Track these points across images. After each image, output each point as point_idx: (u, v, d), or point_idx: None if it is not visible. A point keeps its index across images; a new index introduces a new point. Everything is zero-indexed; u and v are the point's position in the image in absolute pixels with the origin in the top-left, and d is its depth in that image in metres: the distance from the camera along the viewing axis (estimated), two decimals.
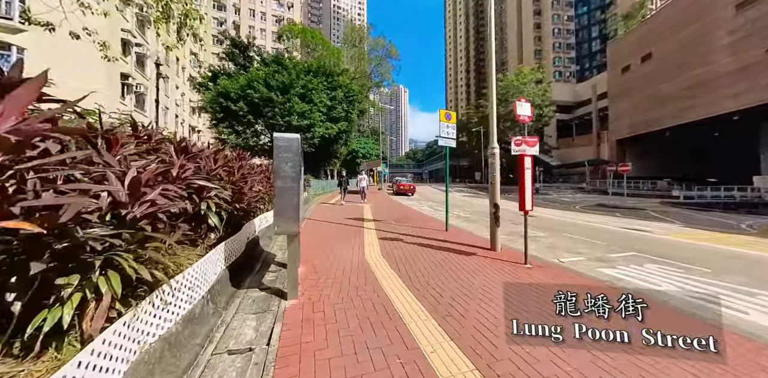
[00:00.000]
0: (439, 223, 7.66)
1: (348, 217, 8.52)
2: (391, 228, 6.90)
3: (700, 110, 24.21)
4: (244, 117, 13.42)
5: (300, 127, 13.89)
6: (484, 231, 6.67)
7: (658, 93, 28.41)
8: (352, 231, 6.47)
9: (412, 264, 4.12)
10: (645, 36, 30.33)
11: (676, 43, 26.37)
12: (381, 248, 4.99)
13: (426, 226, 7.38)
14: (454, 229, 6.95)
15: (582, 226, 8.53)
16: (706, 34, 23.50)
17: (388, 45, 28.80)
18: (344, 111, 16.52)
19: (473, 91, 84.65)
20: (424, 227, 7.14)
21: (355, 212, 10.09)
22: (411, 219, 8.53)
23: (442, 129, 6.50)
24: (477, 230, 7.15)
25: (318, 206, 11.63)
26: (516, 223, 8.42)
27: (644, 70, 30.36)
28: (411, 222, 7.97)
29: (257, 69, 13.51)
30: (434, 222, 8.04)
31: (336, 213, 9.66)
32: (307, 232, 6.29)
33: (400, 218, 8.62)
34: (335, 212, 9.98)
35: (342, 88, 16.25)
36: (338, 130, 16.03)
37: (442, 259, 4.40)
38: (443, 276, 3.60)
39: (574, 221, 9.58)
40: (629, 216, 11.15)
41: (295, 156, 2.80)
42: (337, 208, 10.75)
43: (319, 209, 10.84)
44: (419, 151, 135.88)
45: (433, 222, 8.08)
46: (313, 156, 18.30)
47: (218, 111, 13.35)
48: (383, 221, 7.97)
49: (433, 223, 7.93)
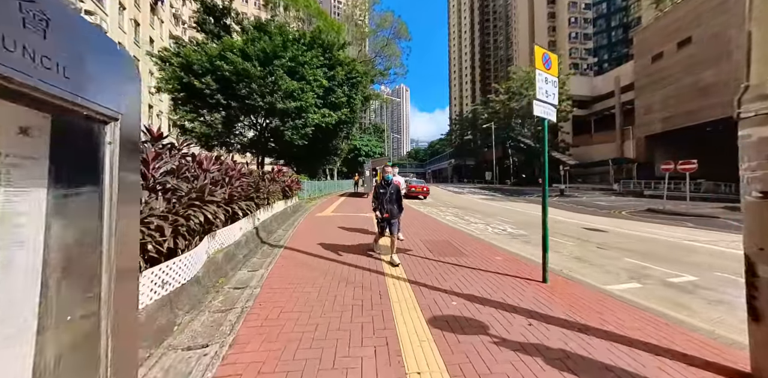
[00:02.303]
0: (507, 256, 4.47)
1: (352, 243, 5.27)
2: (432, 274, 3.68)
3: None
4: (212, 96, 10.03)
5: (287, 112, 10.69)
6: (598, 273, 3.83)
7: (700, 82, 25.14)
8: (361, 283, 3.27)
9: None
10: (682, 19, 27.07)
11: (725, 24, 23.05)
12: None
13: (489, 263, 4.16)
14: (553, 275, 3.60)
15: (679, 247, 5.97)
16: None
17: (397, 22, 23.64)
18: (345, 95, 13.25)
19: (479, 87, 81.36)
20: (489, 267, 3.92)
21: (358, 225, 6.87)
22: (454, 244, 5.28)
23: (540, 86, 3.27)
24: (592, 273, 3.94)
25: (309, 220, 8.35)
26: (596, 244, 5.81)
27: (681, 57, 27.11)
28: (458, 252, 4.74)
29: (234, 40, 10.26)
30: (496, 253, 4.78)
31: (334, 233, 6.41)
32: (273, 292, 3.11)
33: (435, 243, 5.36)
34: (332, 230, 6.73)
35: (343, 66, 12.95)
36: (338, 120, 12.80)
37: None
38: None
39: (652, 236, 7.11)
40: (707, 227, 8.81)
41: None
42: (336, 224, 7.50)
43: (310, 224, 7.57)
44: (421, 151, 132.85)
45: (494, 252, 4.83)
46: (306, 151, 14.99)
47: (178, 89, 10.14)
48: (412, 251, 4.73)
49: (495, 254, 4.67)
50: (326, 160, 21.27)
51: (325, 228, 6.81)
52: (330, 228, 6.78)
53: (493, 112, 44.20)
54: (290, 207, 8.91)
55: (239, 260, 3.86)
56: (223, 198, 3.66)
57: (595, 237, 7.01)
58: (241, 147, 13.44)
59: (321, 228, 6.80)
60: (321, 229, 6.60)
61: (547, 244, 3.30)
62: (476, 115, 55.23)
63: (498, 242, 5.74)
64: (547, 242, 3.31)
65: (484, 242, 5.55)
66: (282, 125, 10.79)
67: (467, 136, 66.62)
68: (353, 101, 13.57)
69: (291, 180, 9.05)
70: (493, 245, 5.29)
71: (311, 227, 6.92)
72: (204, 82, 9.38)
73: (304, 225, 7.20)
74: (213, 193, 3.30)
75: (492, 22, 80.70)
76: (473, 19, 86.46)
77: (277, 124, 10.68)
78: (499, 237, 6.78)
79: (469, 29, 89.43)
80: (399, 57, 22.62)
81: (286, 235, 5.92)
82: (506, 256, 4.49)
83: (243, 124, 11.89)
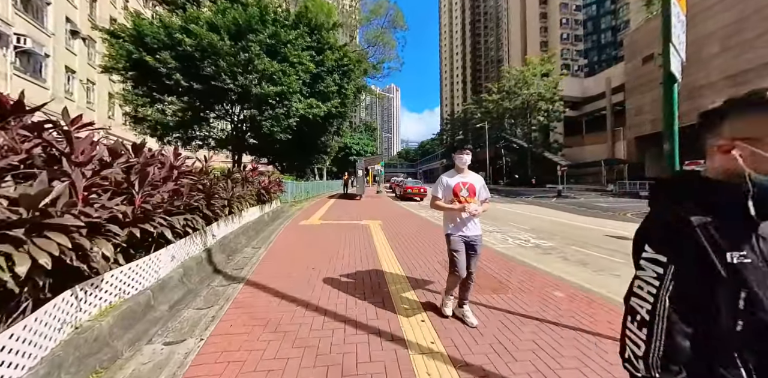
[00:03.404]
0: (569, 290, 3.18)
1: (350, 270, 3.80)
2: (485, 341, 2.22)
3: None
4: (169, 76, 7.97)
5: (265, 98, 8.83)
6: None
7: (691, 83, 25.27)
8: (383, 363, 1.76)
9: None
10: None
11: (714, 27, 23.24)
12: None
13: (554, 305, 2.79)
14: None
15: None
16: (757, 13, 20.35)
17: (393, 9, 21.14)
18: (336, 84, 11.59)
19: (470, 88, 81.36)
20: (563, 318, 2.56)
21: (357, 242, 5.40)
22: (485, 269, 3.90)
23: (674, 27, 1.87)
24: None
25: (290, 230, 6.77)
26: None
27: None
28: (498, 284, 3.40)
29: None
30: (548, 282, 3.44)
31: (322, 251, 4.90)
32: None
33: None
34: (320, 247, 5.23)
35: (333, 51, 11.28)
36: (327, 112, 11.16)
37: None
38: None
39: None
40: None
41: None
42: (324, 236, 5.98)
43: (291, 237, 6.02)
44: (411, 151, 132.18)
45: (545, 281, 3.49)
46: (291, 148, 13.26)
47: (128, 68, 8.40)
48: (433, 283, 3.32)
49: (548, 285, 3.32)
50: (315, 159, 19.52)
51: (310, 243, 5.26)
52: (317, 243, 5.25)
53: (486, 112, 43.70)
54: (268, 213, 7.29)
55: (156, 318, 2.29)
56: (125, 214, 2.10)
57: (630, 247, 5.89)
58: (216, 142, 11.48)
59: (305, 243, 5.25)
60: (305, 246, 5.05)
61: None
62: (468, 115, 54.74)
63: (535, 261, 4.43)
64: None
65: (519, 263, 4.20)
66: (259, 114, 9.01)
67: (459, 136, 66.27)
68: (345, 92, 11.93)
69: (270, 181, 7.43)
70: (536, 269, 3.95)
71: (291, 242, 5.34)
72: (160, 59, 7.48)
73: (282, 239, 5.61)
74: (88, 205, 1.74)
75: (483, 23, 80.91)
76: (464, 19, 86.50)
77: (254, 113, 8.88)
78: (528, 252, 5.49)
79: (461, 29, 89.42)
80: (394, 48, 20.91)
81: (256, 255, 4.34)
82: (568, 290, 3.14)
83: (213, 113, 9.90)
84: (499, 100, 40.22)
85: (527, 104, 37.54)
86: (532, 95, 36.56)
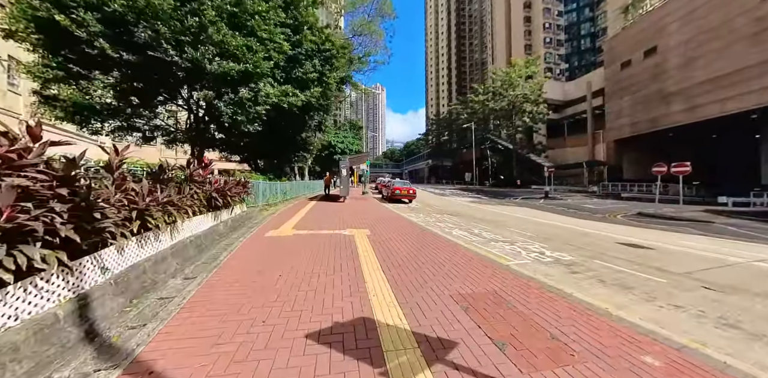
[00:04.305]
0: (667, 356, 2.14)
1: (314, 306, 2.48)
2: None
3: (713, 108, 22.10)
4: (91, 44, 6.01)
5: (223, 77, 7.07)
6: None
7: (664, 89, 26.29)
8: None
9: None
10: (649, 29, 28.26)
11: (687, 36, 24.22)
12: None
13: None
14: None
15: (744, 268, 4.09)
16: (725, 25, 21.29)
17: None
18: (316, 72, 10.07)
19: (455, 89, 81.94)
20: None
21: (337, 264, 4.11)
22: (522, 313, 2.75)
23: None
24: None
25: (251, 245, 5.32)
26: (696, 282, 3.59)
27: (648, 65, 28.26)
28: (557, 348, 2.28)
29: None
30: (624, 335, 2.35)
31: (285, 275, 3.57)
32: None
33: (485, 307, 2.76)
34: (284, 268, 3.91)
35: (313, 31, 9.71)
36: (306, 102, 9.64)
37: None
38: None
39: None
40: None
41: None
42: (294, 256, 4.59)
43: (248, 258, 4.60)
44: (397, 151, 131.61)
45: (620, 336, 2.40)
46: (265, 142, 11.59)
47: (33, 31, 6.04)
48: (452, 353, 2.08)
49: (627, 344, 2.22)
50: (296, 157, 17.81)
51: (272, 266, 3.79)
52: (281, 266, 3.79)
53: (472, 113, 43.67)
54: (226, 222, 5.79)
55: None
56: None
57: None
58: (167, 134, 9.44)
59: (264, 268, 3.76)
60: (262, 273, 3.53)
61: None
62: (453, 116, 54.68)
63: (571, 287, 3.40)
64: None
65: (558, 294, 3.10)
66: (217, 97, 7.18)
67: (444, 136, 66.29)
68: (326, 80, 10.44)
69: (226, 182, 5.92)
70: (583, 303, 2.86)
71: (246, 266, 3.80)
72: (77, 20, 5.52)
73: (235, 259, 4.10)
74: None
75: (468, 26, 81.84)
76: (450, 21, 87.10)
77: (208, 95, 6.96)
78: (552, 270, 4.51)
79: (446, 31, 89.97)
80: (382, 38, 19.40)
81: (180, 294, 2.82)
82: (652, 349, 2.06)
83: (159, 96, 7.78)
84: (485, 101, 40.25)
85: (513, 105, 37.77)
86: (518, 97, 36.82)
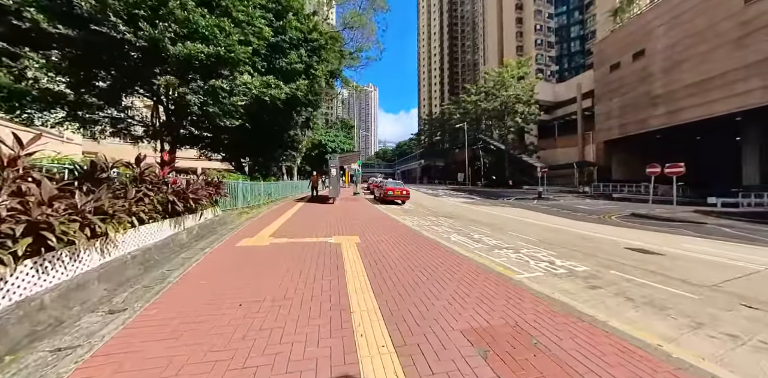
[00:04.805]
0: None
1: (279, 355, 1.75)
2: None
3: (699, 110, 22.57)
4: (20, 14, 4.84)
5: (188, 60, 6.11)
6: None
7: (651, 92, 26.74)
8: None
9: None
10: (637, 32, 28.71)
11: (674, 39, 24.68)
12: None
13: None
14: None
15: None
16: (710, 28, 21.73)
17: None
18: (303, 63, 9.27)
19: (447, 89, 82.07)
20: None
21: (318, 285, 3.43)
22: (561, 360, 2.07)
23: None
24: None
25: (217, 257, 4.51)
26: (732, 296, 2.71)
27: (636, 68, 28.69)
28: None
29: None
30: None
31: (250, 305, 2.76)
32: None
33: (516, 359, 2.06)
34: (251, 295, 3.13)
35: (301, 20, 8.89)
36: (291, 95, 8.84)
37: None
38: None
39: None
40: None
41: None
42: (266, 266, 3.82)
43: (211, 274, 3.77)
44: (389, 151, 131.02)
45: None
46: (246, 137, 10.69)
47: None
48: None
49: None
50: (284, 156, 16.88)
51: (234, 294, 2.80)
52: (248, 292, 2.86)
53: (465, 113, 43.56)
54: (191, 229, 4.97)
55: None
56: None
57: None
58: (124, 127, 8.34)
59: (222, 296, 2.77)
60: (221, 302, 2.62)
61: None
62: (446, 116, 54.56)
63: (600, 312, 2.87)
64: None
65: (590, 322, 2.51)
66: (182, 84, 6.14)
67: (437, 137, 66.16)
68: (314, 73, 9.66)
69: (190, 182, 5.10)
70: (624, 337, 2.27)
71: (197, 294, 2.80)
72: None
73: (190, 281, 3.16)
74: None
75: (460, 27, 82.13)
76: (442, 21, 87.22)
77: (171, 81, 5.84)
78: (570, 286, 3.97)
79: (438, 31, 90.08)
80: (374, 33, 18.61)
81: (81, 350, 1.86)
82: None
83: (106, 81, 6.38)
84: (477, 101, 40.18)
85: (505, 106, 37.82)
86: (510, 97, 36.88)
